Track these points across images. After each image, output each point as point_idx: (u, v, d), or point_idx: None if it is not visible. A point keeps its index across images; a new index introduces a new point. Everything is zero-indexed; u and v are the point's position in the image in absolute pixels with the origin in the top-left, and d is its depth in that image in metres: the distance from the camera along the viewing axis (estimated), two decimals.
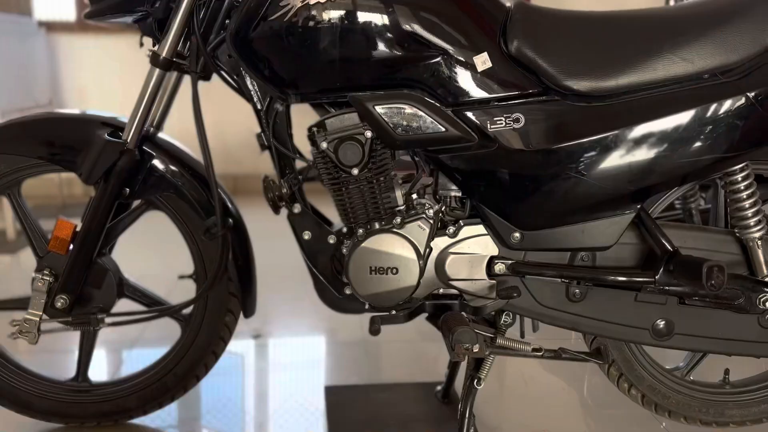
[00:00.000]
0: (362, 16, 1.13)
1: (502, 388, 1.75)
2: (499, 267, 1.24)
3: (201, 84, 1.29)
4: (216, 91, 1.68)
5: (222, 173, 1.26)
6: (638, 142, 1.15)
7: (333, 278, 1.34)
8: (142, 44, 1.30)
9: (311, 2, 1.12)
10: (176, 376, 1.44)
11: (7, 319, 1.35)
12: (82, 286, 1.32)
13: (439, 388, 1.66)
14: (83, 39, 3.96)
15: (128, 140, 1.26)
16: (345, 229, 1.31)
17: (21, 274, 2.68)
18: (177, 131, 3.22)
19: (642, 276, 1.20)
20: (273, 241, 1.59)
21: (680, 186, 1.21)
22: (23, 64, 3.43)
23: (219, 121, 4.00)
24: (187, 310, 1.43)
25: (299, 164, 1.35)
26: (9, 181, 1.33)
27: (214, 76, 1.33)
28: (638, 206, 1.19)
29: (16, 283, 2.56)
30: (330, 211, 1.38)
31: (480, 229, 1.25)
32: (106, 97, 4.03)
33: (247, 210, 1.52)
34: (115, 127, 1.32)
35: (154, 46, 1.29)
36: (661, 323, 1.28)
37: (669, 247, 1.19)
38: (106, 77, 4.02)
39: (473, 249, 1.25)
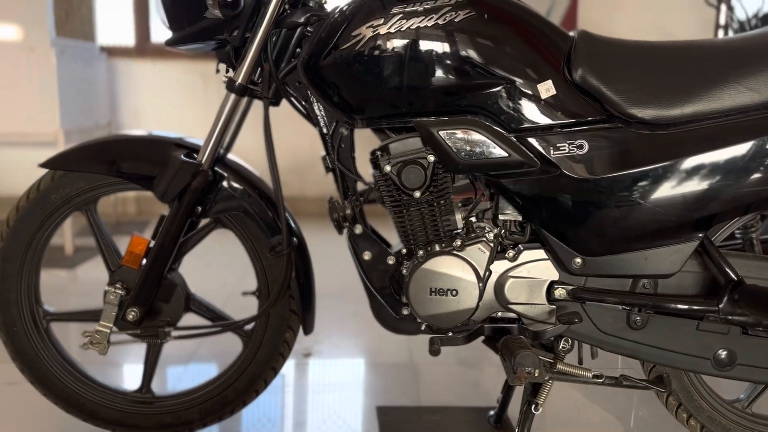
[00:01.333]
0: (428, 46, 1.17)
1: (552, 415, 1.73)
2: (560, 292, 1.25)
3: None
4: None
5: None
6: (702, 170, 1.15)
7: (391, 298, 1.36)
8: (218, 70, 1.37)
9: (381, 32, 1.17)
10: (236, 391, 1.47)
11: (76, 330, 1.40)
12: (152, 300, 1.37)
13: (492, 412, 1.66)
14: (141, 63, 4.12)
15: (203, 161, 1.32)
16: (404, 251, 1.33)
17: (78, 289, 2.78)
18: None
19: (705, 305, 1.20)
20: (317, 264, 1.63)
21: (744, 215, 1.21)
22: (85, 86, 3.59)
23: None
24: (249, 326, 1.47)
25: (360, 186, 1.39)
26: (87, 198, 1.40)
27: (284, 101, 1.38)
28: (701, 234, 1.19)
29: (73, 297, 2.65)
30: (387, 232, 1.41)
31: (540, 253, 1.26)
32: (160, 117, 4.18)
33: None
34: (186, 147, 1.39)
35: (227, 72, 1.35)
36: (723, 353, 1.27)
37: (733, 276, 1.19)
38: (160, 99, 4.17)
39: (533, 273, 1.26)
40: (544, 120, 1.19)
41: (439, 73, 1.18)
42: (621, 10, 4.36)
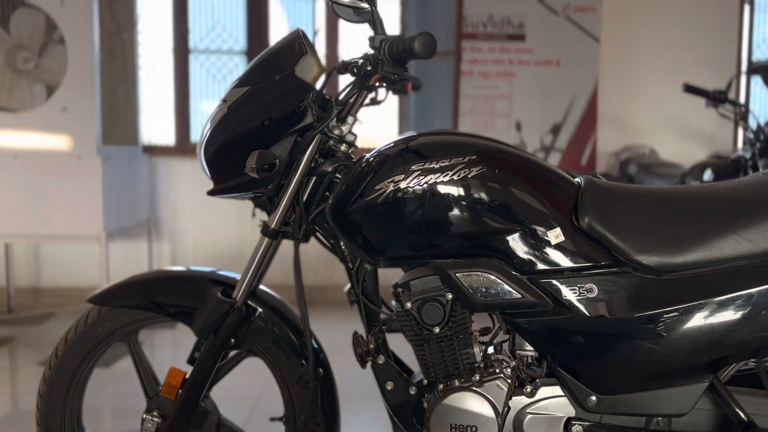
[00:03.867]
0: (445, 199, 1.27)
1: None
2: (577, 429, 1.29)
3: None
4: None
5: None
6: (709, 315, 1.21)
7: (413, 427, 1.41)
8: (254, 215, 1.49)
9: (401, 186, 1.28)
10: None
11: None
12: (186, 429, 1.44)
13: None
14: (180, 161, 4.35)
15: (237, 299, 1.42)
16: (425, 381, 1.39)
17: (115, 390, 2.86)
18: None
19: None
20: (342, 359, 1.68)
21: (753, 359, 1.25)
22: (128, 185, 3.79)
23: None
24: None
25: (382, 315, 1.47)
26: (129, 330, 1.51)
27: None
28: (711, 375, 1.23)
29: (110, 399, 2.73)
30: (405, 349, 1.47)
31: (557, 390, 1.31)
32: (197, 212, 4.36)
33: (318, 320, 1.60)
34: (220, 282, 1.49)
35: (260, 211, 1.48)
36: None
37: (744, 418, 1.22)
38: (197, 195, 4.36)
39: (550, 410, 1.31)
40: (554, 264, 1.27)
41: (454, 222, 1.27)
42: (639, 102, 4.49)
